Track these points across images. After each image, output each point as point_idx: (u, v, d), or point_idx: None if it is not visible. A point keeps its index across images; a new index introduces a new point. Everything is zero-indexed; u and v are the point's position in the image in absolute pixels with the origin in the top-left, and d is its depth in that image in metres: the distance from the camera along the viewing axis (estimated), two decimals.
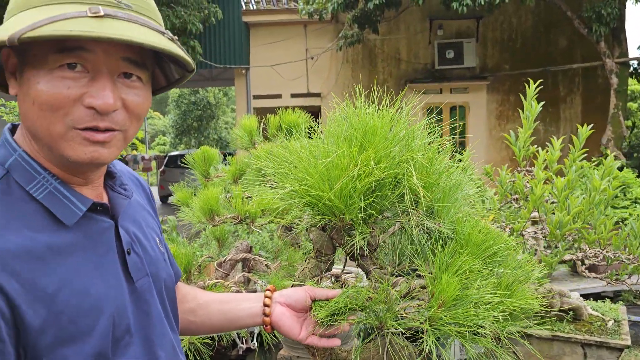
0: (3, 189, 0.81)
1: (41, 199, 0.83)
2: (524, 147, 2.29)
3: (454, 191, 1.35)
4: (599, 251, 2.10)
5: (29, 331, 0.76)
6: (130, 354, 0.89)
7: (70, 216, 0.84)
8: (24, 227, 0.80)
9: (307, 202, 1.19)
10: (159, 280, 1.02)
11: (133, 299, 0.93)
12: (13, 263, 0.76)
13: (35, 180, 0.84)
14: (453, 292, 1.11)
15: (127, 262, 0.93)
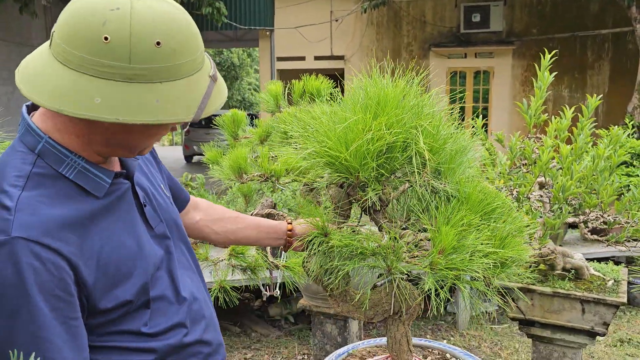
0: (39, 172, 0.94)
1: (73, 178, 0.96)
2: (535, 115, 2.40)
3: (459, 155, 1.51)
4: (600, 214, 2.23)
5: (87, 284, 0.94)
6: (160, 285, 1.08)
7: (99, 189, 0.99)
8: (64, 201, 0.94)
9: (326, 162, 1.36)
10: (171, 222, 1.19)
11: (156, 242, 1.11)
12: (63, 232, 0.91)
13: (64, 162, 0.95)
14: (451, 242, 1.28)
15: (145, 213, 1.10)
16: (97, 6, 0.86)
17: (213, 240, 1.52)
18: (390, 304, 1.52)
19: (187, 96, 0.92)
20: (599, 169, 2.26)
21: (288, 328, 4.18)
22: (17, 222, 0.87)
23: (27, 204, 0.89)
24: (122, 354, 1.02)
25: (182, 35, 0.90)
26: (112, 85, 0.86)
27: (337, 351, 1.78)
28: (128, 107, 0.86)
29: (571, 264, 2.56)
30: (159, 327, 1.06)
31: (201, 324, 1.16)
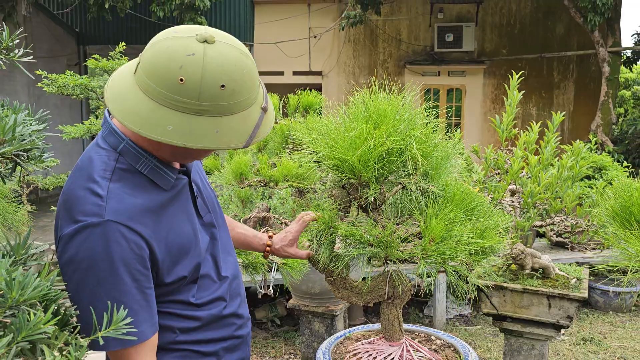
0: (121, 167, 1.14)
1: (147, 173, 1.16)
2: (507, 130, 2.68)
3: (444, 161, 1.76)
4: (564, 218, 2.51)
5: (157, 261, 1.15)
6: (205, 265, 1.28)
7: (166, 183, 1.20)
8: (141, 192, 1.14)
9: (334, 164, 1.60)
10: (216, 213, 1.40)
11: (204, 229, 1.32)
12: (143, 217, 1.12)
13: (140, 160, 1.16)
14: (440, 232, 1.52)
15: (197, 204, 1.31)
16: (177, 50, 1.04)
17: None
18: (385, 289, 1.75)
19: (241, 127, 1.10)
20: (563, 177, 2.55)
21: (274, 330, 4.37)
22: (109, 208, 1.07)
23: (115, 193, 1.10)
24: (175, 320, 1.24)
25: (242, 78, 1.07)
26: (183, 116, 1.04)
27: (335, 334, 2.00)
28: (193, 136, 1.05)
29: (539, 264, 2.84)
30: (203, 299, 1.27)
31: (237, 300, 1.37)
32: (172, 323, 1.23)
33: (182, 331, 1.25)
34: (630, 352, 3.87)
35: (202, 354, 1.27)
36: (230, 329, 1.34)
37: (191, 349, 1.26)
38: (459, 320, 4.58)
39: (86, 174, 1.12)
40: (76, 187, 1.11)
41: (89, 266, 1.06)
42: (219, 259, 1.34)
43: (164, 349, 1.21)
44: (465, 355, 1.81)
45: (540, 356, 2.89)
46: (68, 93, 3.77)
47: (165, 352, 1.22)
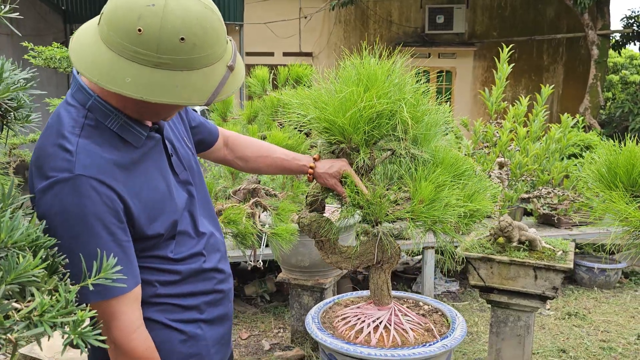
0: (90, 124, 1.14)
1: (116, 130, 1.16)
2: (496, 103, 2.70)
3: (434, 126, 1.77)
4: (551, 190, 2.54)
5: (133, 216, 1.15)
6: (183, 222, 1.29)
7: (137, 140, 1.19)
8: (111, 149, 1.14)
9: (324, 127, 1.60)
10: (192, 170, 1.40)
11: (180, 186, 1.32)
12: (114, 172, 1.12)
13: (109, 117, 1.15)
14: (429, 195, 1.53)
15: (172, 162, 1.31)
16: (138, 0, 1.02)
17: (242, 169, 1.78)
18: (374, 254, 1.76)
19: (203, 84, 1.08)
20: (551, 150, 2.57)
21: (264, 305, 4.39)
22: (78, 163, 1.07)
23: (84, 149, 1.09)
24: (155, 274, 1.25)
25: (205, 32, 1.05)
26: (142, 69, 1.02)
27: (324, 300, 2.01)
28: (152, 89, 1.03)
29: (526, 236, 2.87)
30: (181, 254, 1.28)
31: (216, 255, 1.39)
32: (152, 277, 1.24)
33: (163, 284, 1.26)
34: (614, 326, 3.94)
35: (184, 308, 1.28)
36: (211, 282, 1.35)
37: (172, 302, 1.27)
38: (447, 296, 4.63)
39: (55, 130, 1.12)
40: (46, 144, 1.11)
41: (63, 220, 1.06)
42: (196, 215, 1.34)
43: (145, 302, 1.22)
44: (452, 319, 1.83)
45: (526, 327, 2.94)
46: (55, 66, 3.72)
47: (146, 306, 1.22)
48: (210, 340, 1.35)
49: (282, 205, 2.57)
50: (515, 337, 2.96)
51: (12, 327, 0.85)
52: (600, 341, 3.67)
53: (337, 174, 1.64)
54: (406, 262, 5.25)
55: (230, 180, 2.95)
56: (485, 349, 3.53)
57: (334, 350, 1.65)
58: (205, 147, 1.62)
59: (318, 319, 1.84)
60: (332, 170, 1.64)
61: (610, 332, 3.82)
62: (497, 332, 3.00)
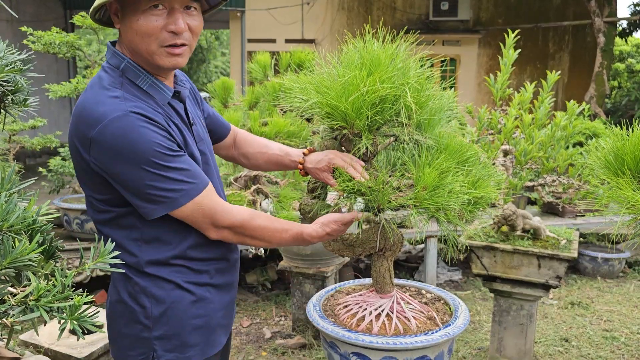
0: (126, 82, 1.31)
1: (146, 89, 1.32)
2: (501, 89, 2.66)
3: (438, 112, 1.74)
4: (556, 178, 2.51)
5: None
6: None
7: (164, 99, 1.35)
8: (146, 102, 1.29)
9: (326, 113, 1.57)
10: (209, 144, 1.55)
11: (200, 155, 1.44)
12: (155, 114, 1.27)
13: (140, 77, 1.32)
14: (433, 181, 1.51)
15: (193, 130, 1.44)
16: None
17: (246, 167, 1.88)
18: (376, 241, 1.74)
19: None
20: (557, 137, 2.54)
21: (265, 294, 4.39)
22: (127, 105, 1.23)
23: (128, 97, 1.26)
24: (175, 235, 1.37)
25: None
26: None
27: (326, 287, 2.00)
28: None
29: (530, 225, 2.85)
30: None
31: None
32: (172, 239, 1.35)
33: (180, 247, 1.36)
34: (617, 315, 3.93)
35: (196, 271, 1.39)
36: (221, 250, 1.46)
37: (187, 265, 1.38)
38: (449, 285, 4.62)
39: (98, 86, 1.27)
40: (92, 96, 1.25)
41: (128, 152, 1.20)
42: (213, 181, 1.44)
43: (163, 263, 1.34)
44: (455, 307, 1.82)
45: (529, 316, 2.92)
46: (54, 52, 3.68)
47: (164, 266, 1.35)
48: (217, 304, 1.44)
49: (283, 192, 2.55)
50: (517, 326, 2.95)
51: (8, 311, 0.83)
52: (603, 330, 3.66)
53: (326, 168, 1.61)
54: (409, 251, 5.24)
55: (231, 168, 2.93)
56: (488, 337, 3.52)
57: (336, 338, 1.64)
58: (215, 140, 1.70)
59: (319, 307, 1.82)
60: (320, 165, 1.62)
61: (613, 322, 3.81)
62: (500, 321, 2.99)
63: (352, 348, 1.63)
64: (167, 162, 1.23)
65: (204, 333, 1.40)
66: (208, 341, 1.41)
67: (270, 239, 1.42)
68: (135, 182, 1.23)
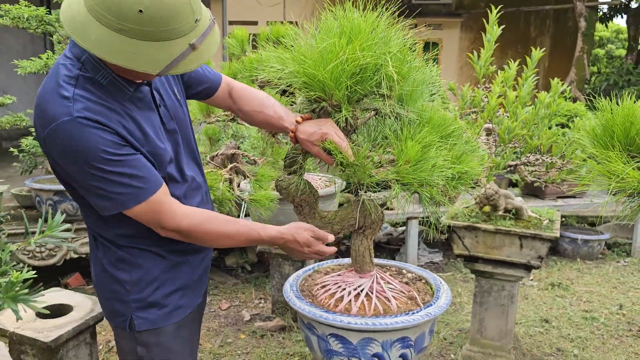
0: (84, 75, 1.26)
1: (106, 84, 1.27)
2: (484, 66, 2.59)
3: (421, 85, 1.66)
4: (539, 157, 2.46)
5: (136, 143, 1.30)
6: (171, 167, 1.43)
7: (123, 95, 1.30)
8: (103, 99, 1.25)
9: (303, 83, 1.49)
10: (180, 120, 1.51)
11: (167, 136, 1.44)
12: (108, 114, 1.24)
13: (99, 71, 1.26)
14: (416, 155, 1.44)
15: (160, 113, 1.42)
16: None
17: (245, 122, 1.86)
18: (355, 219, 1.67)
19: (160, 56, 1.16)
20: (540, 115, 2.49)
21: (244, 276, 4.32)
22: (76, 107, 1.20)
23: (80, 96, 1.22)
24: None
25: (164, 9, 1.12)
26: (105, 31, 1.13)
27: (304, 268, 1.93)
28: (111, 51, 1.14)
29: (512, 204, 2.81)
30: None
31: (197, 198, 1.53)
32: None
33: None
34: (596, 296, 3.94)
35: (170, 239, 1.41)
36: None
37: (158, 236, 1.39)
38: (430, 267, 4.60)
39: (54, 79, 1.25)
40: (46, 91, 1.24)
41: (74, 156, 1.21)
42: (182, 161, 1.48)
43: (135, 236, 1.40)
44: (437, 287, 1.76)
45: (510, 297, 2.90)
46: (24, 26, 3.52)
47: (136, 238, 1.40)
48: (193, 268, 1.52)
49: (261, 171, 2.47)
50: (499, 306, 2.92)
51: None
52: (582, 311, 3.67)
53: (319, 142, 1.50)
54: (390, 233, 5.20)
55: (208, 146, 2.84)
56: (469, 319, 3.50)
57: (313, 319, 1.57)
58: (205, 95, 1.69)
59: (296, 287, 1.75)
60: (313, 138, 1.51)
61: (592, 302, 3.82)
62: (481, 302, 2.96)
63: (329, 329, 1.56)
64: (114, 167, 1.23)
65: (180, 296, 1.49)
66: (183, 303, 1.50)
67: (221, 244, 1.44)
68: (83, 182, 1.26)
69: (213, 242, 1.44)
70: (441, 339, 3.26)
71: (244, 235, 1.45)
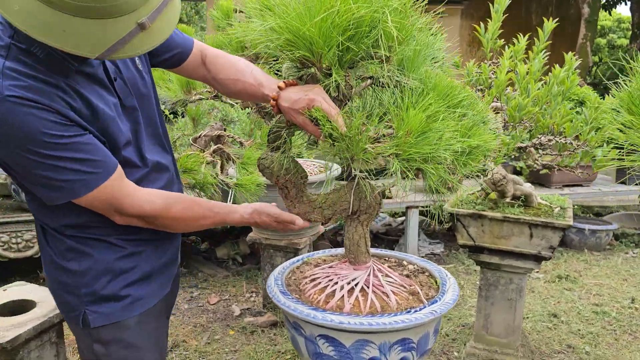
0: (16, 46, 1.04)
1: (42, 57, 1.05)
2: (492, 39, 2.37)
3: (425, 49, 1.44)
4: (552, 137, 2.25)
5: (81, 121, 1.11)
6: (128, 150, 1.24)
7: (64, 70, 1.08)
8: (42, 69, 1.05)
9: (286, 40, 1.26)
10: (141, 95, 1.30)
11: (125, 114, 1.24)
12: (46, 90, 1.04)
13: (34, 43, 1.04)
14: (419, 125, 1.21)
15: (115, 87, 1.22)
16: None
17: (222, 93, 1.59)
18: (349, 202, 1.46)
19: (98, 36, 0.95)
20: (553, 92, 2.26)
21: (236, 268, 4.10)
22: (5, 85, 1.00)
23: (11, 71, 1.02)
24: None
25: None
26: (34, 3, 0.92)
27: (291, 259, 1.71)
28: (37, 25, 0.93)
29: (521, 190, 2.59)
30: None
31: (159, 183, 1.33)
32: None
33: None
34: (606, 289, 3.73)
35: (123, 227, 1.25)
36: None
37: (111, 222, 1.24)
38: (431, 258, 4.38)
39: None
40: None
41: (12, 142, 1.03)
42: (142, 144, 1.28)
43: (84, 226, 1.22)
44: (442, 281, 1.55)
45: (518, 290, 2.69)
46: None
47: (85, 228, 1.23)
48: (151, 258, 1.33)
49: (247, 153, 2.25)
50: (506, 301, 2.71)
51: None
52: (592, 305, 3.46)
53: (304, 109, 1.27)
54: (389, 224, 4.99)
55: (191, 128, 2.61)
56: (472, 313, 3.29)
57: (299, 318, 1.36)
58: (174, 63, 1.45)
59: (282, 281, 1.54)
60: (298, 105, 1.27)
61: (602, 296, 3.61)
62: (487, 296, 2.75)
63: (319, 330, 1.35)
64: (58, 151, 1.06)
65: (142, 286, 1.31)
66: (145, 294, 1.32)
67: (186, 228, 1.31)
68: (25, 171, 1.09)
69: (179, 228, 1.29)
70: (443, 335, 3.06)
71: (210, 219, 1.32)
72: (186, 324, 3.18)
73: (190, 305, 3.45)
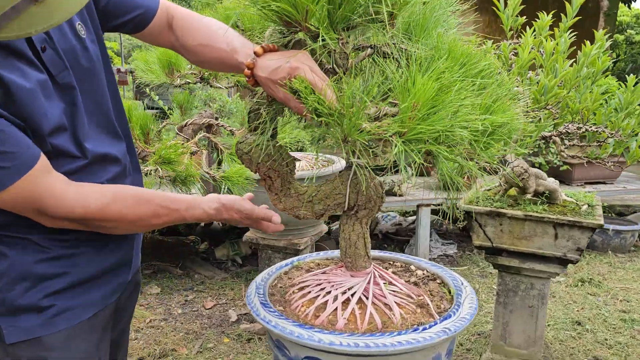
0: None
1: None
2: (512, 16, 2.11)
3: (436, 10, 1.19)
4: (581, 125, 1.98)
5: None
6: (61, 137, 1.00)
7: None
8: None
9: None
10: (81, 69, 1.06)
11: (59, 93, 1.00)
12: None
13: None
14: (429, 98, 0.96)
15: (43, 59, 0.97)
16: None
17: (191, 62, 1.35)
18: (345, 196, 1.21)
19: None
20: (583, 74, 2.00)
21: (235, 270, 3.87)
22: None
23: None
24: None
25: None
26: None
27: (278, 264, 1.46)
28: None
29: (544, 186, 2.33)
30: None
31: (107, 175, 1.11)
32: None
33: None
34: (634, 293, 3.44)
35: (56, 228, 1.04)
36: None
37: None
38: (444, 260, 4.12)
39: None
40: None
41: None
42: (80, 129, 1.04)
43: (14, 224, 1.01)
44: (457, 289, 1.29)
45: (540, 297, 2.42)
46: None
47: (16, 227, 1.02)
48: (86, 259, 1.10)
49: (235, 142, 2.00)
50: (526, 308, 2.44)
51: None
52: (619, 312, 3.17)
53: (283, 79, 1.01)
54: (399, 223, 4.72)
55: (179, 117, 2.38)
56: (488, 320, 3.03)
57: (281, 337, 1.11)
58: (136, 27, 1.21)
59: (265, 290, 1.29)
60: (278, 75, 1.02)
61: (630, 302, 3.32)
62: (505, 303, 2.48)
63: (305, 351, 1.10)
64: None
65: (73, 294, 1.08)
66: (78, 303, 1.09)
67: (135, 229, 1.10)
68: None
69: (125, 230, 1.08)
70: (456, 345, 2.79)
71: (164, 217, 1.10)
72: (178, 331, 2.94)
73: (184, 310, 3.22)
